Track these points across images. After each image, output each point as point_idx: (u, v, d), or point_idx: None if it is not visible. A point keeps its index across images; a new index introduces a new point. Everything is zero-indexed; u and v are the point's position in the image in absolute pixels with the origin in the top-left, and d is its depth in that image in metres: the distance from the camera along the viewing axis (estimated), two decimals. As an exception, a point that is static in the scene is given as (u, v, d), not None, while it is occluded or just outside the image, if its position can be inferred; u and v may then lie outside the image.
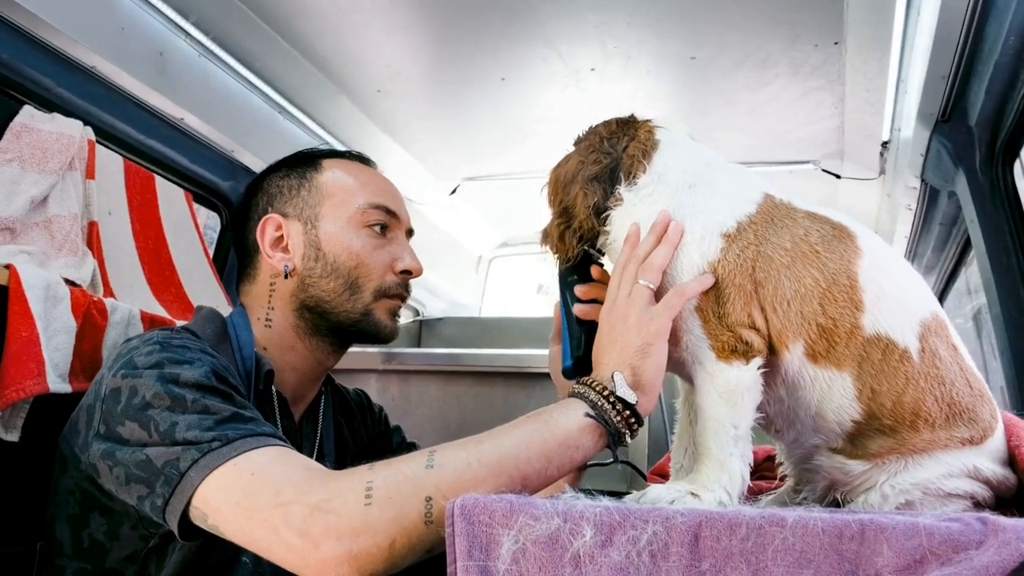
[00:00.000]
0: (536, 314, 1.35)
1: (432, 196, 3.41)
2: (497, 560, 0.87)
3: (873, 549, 0.80)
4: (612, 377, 1.15)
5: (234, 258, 2.16)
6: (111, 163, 1.92)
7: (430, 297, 4.02)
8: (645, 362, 1.16)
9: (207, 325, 1.39)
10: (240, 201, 1.58)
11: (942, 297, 3.05)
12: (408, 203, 3.34)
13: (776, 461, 1.32)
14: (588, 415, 1.12)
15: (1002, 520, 0.79)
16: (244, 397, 1.21)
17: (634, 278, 1.19)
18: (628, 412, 1.14)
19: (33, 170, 1.65)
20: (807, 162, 2.99)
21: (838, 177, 3.01)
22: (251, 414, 1.16)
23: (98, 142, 1.86)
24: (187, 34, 2.13)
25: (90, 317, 1.51)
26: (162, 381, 1.14)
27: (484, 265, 4.22)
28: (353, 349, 1.59)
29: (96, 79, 1.94)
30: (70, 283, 1.55)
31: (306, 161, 1.55)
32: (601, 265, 1.36)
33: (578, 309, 1.33)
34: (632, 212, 1.24)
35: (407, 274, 1.53)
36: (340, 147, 2.85)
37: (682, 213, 1.20)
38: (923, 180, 2.33)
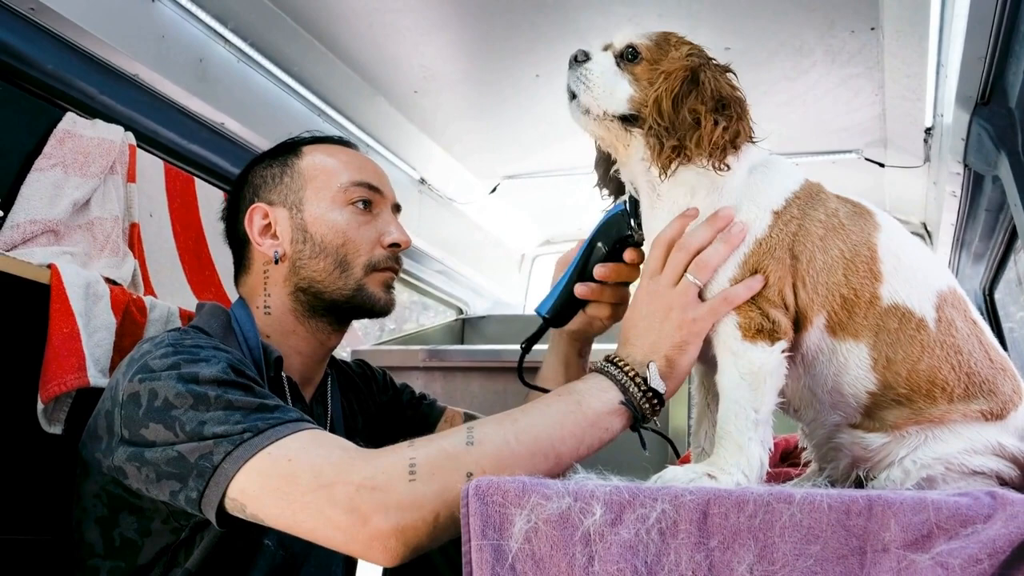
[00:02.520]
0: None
1: (473, 195, 3.44)
2: (510, 539, 0.89)
3: (881, 524, 0.80)
4: (648, 367, 1.17)
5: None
6: (152, 167, 1.99)
7: (473, 296, 4.05)
8: (681, 357, 1.18)
9: (212, 320, 1.42)
10: (228, 196, 1.61)
11: (992, 287, 2.97)
12: (449, 203, 3.40)
13: (799, 447, 1.31)
14: (621, 402, 1.15)
15: (1011, 494, 0.78)
16: (262, 385, 1.24)
17: (682, 267, 1.18)
18: (656, 400, 1.17)
19: (76, 174, 1.71)
20: (850, 151, 2.95)
21: (882, 166, 2.96)
22: (275, 403, 1.19)
23: (139, 146, 1.92)
24: (226, 40, 2.19)
25: (130, 314, 1.57)
26: (182, 381, 1.16)
27: (527, 263, 4.23)
28: (397, 347, 1.60)
29: (138, 86, 2.01)
30: (111, 282, 1.61)
31: (287, 149, 1.57)
32: (639, 246, 1.32)
33: (578, 289, 1.35)
34: (689, 182, 1.20)
35: (396, 247, 1.54)
36: (380, 148, 2.90)
37: (738, 198, 1.19)
38: (966, 165, 2.27)
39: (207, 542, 1.23)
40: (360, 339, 3.57)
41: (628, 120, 1.23)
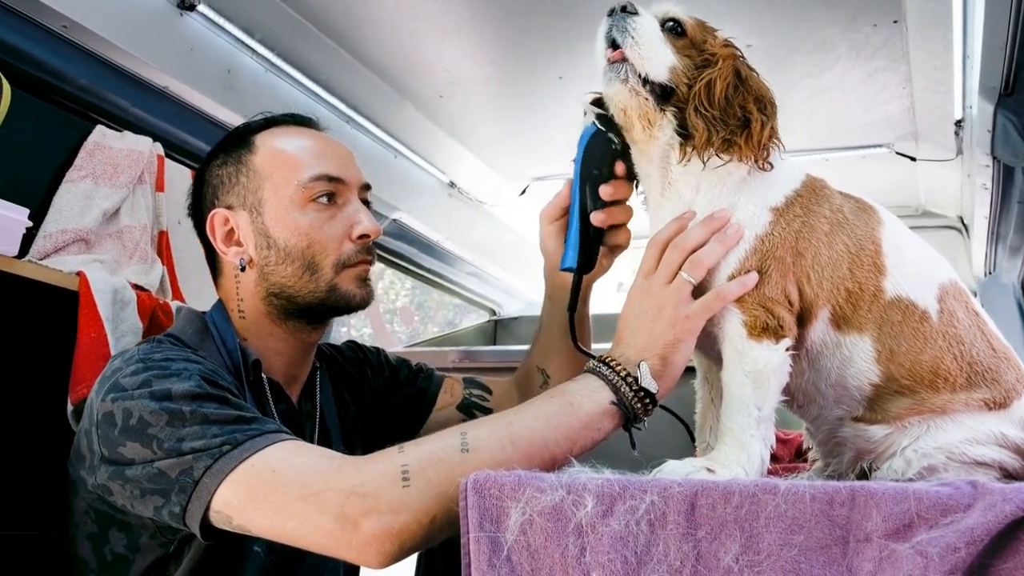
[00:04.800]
0: (614, 310, 1.32)
1: (503, 198, 3.47)
2: (506, 531, 0.91)
3: (863, 514, 0.80)
4: (639, 366, 1.17)
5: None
6: (180, 176, 2.04)
7: (506, 297, 4.07)
8: (674, 355, 1.18)
9: (187, 326, 1.41)
10: (191, 197, 1.56)
11: (1031, 282, 2.92)
12: (479, 205, 3.43)
13: (807, 447, 1.32)
14: (612, 403, 1.15)
15: (992, 484, 0.78)
16: (237, 394, 1.23)
17: (676, 266, 1.18)
18: (648, 400, 1.17)
19: (105, 185, 1.78)
20: (880, 146, 2.91)
21: (913, 160, 2.92)
22: (252, 414, 1.18)
23: (168, 156, 1.98)
24: (253, 51, 2.25)
25: (156, 319, 1.63)
26: (155, 399, 1.15)
27: (559, 264, 4.24)
28: (432, 348, 1.58)
29: (168, 98, 2.07)
30: (139, 288, 1.67)
31: (239, 142, 1.49)
32: (627, 162, 1.29)
33: (597, 218, 1.29)
34: (695, 174, 1.20)
35: (366, 238, 1.46)
36: (408, 153, 2.94)
37: (736, 197, 1.19)
38: (994, 157, 2.24)
39: (194, 552, 1.24)
40: (393, 341, 3.62)
41: (660, 96, 1.19)
